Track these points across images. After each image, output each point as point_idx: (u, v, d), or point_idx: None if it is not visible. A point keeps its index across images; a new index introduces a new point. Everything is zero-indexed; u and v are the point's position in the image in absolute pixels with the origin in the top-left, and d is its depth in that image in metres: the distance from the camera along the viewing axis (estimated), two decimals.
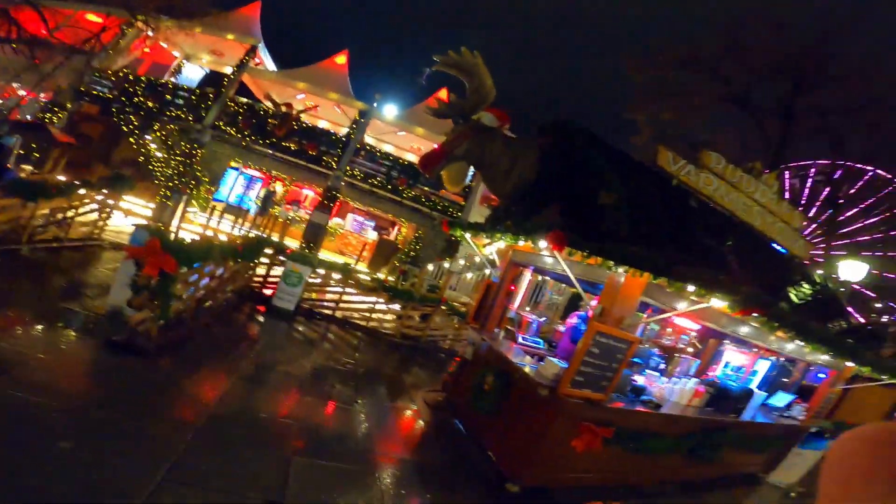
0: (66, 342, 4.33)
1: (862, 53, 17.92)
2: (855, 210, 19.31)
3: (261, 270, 8.58)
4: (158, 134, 14.98)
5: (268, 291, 8.40)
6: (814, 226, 19.50)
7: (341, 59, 19.51)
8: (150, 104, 15.08)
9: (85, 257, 7.46)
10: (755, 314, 4.03)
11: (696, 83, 19.71)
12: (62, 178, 7.58)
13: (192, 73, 19.82)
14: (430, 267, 13.57)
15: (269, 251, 8.46)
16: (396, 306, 9.24)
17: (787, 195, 19.51)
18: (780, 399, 7.55)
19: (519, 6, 68.04)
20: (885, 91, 17.31)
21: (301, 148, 15.79)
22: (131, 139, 14.62)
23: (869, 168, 18.66)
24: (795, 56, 17.87)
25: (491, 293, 6.48)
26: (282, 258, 8.37)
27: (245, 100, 16.46)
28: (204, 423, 3.76)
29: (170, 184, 14.07)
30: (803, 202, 19.93)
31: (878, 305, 18.84)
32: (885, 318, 18.01)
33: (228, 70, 16.75)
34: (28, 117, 15.00)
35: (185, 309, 5.47)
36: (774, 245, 7.18)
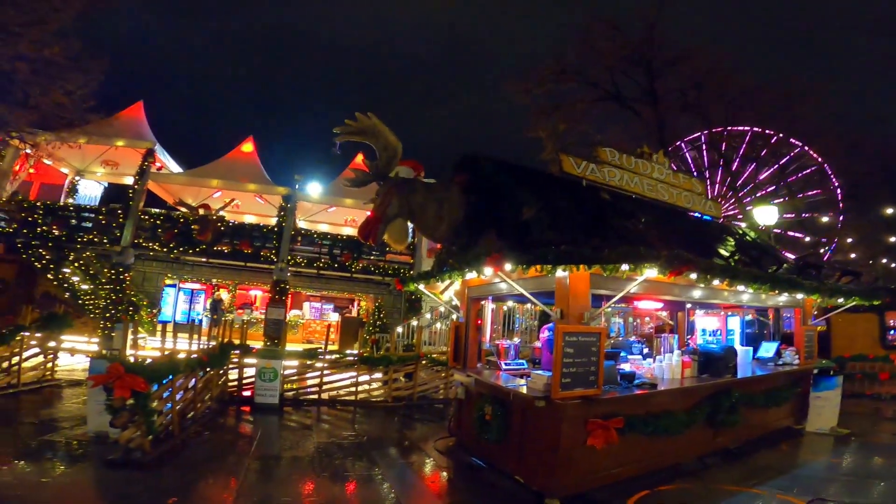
0: (62, 468, 4.51)
1: (685, 35, 21.80)
2: (738, 165, 22.07)
3: (234, 375, 8.35)
4: (76, 265, 14.12)
5: (247, 393, 8.19)
6: (717, 188, 21.83)
7: (248, 146, 19.20)
8: (56, 232, 14.14)
9: (45, 398, 7.53)
10: (686, 271, 4.45)
11: (573, 91, 22.33)
12: None
13: (90, 191, 18.60)
14: (399, 329, 13.54)
15: (235, 354, 8.26)
16: (379, 374, 9.19)
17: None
18: (767, 349, 7.87)
19: (404, 58, 72.74)
20: (716, 61, 20.51)
21: (235, 249, 15.41)
22: (49, 275, 13.66)
23: (721, 128, 21.61)
24: (636, 49, 20.78)
25: (462, 333, 6.64)
26: (250, 360, 8.22)
27: (158, 210, 15.79)
28: None
29: (107, 315, 13.19)
30: (696, 173, 22.41)
31: (808, 240, 21.03)
32: (822, 251, 20.02)
33: (129, 181, 15.86)
34: None
35: (170, 422, 5.50)
36: (693, 213, 8.06)
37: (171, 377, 5.42)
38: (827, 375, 7.45)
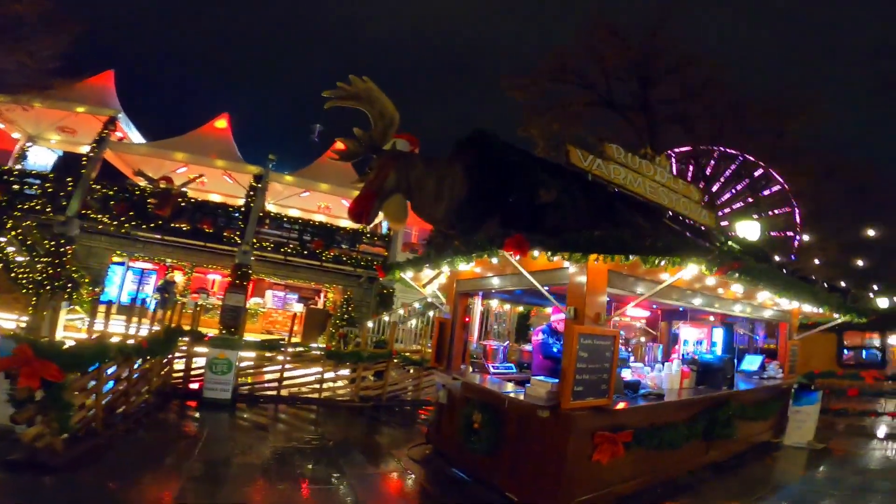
0: None
1: (684, 45, 21.28)
2: (720, 183, 22.62)
3: (181, 366, 7.40)
4: (14, 233, 12.65)
5: (194, 385, 7.22)
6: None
7: (222, 122, 18.39)
8: None
9: None
10: (735, 268, 4.02)
11: (569, 93, 21.99)
12: None
13: (42, 158, 17.08)
14: (370, 324, 12.74)
15: (183, 342, 7.31)
16: (346, 371, 8.41)
17: None
18: (751, 362, 7.68)
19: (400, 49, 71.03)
20: (711, 74, 20.59)
21: (195, 227, 14.17)
22: None
23: (714, 147, 22.03)
24: (634, 56, 20.66)
25: (447, 330, 6.06)
26: (201, 349, 7.28)
27: (113, 184, 14.47)
28: None
29: (40, 291, 11.80)
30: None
31: (777, 259, 21.76)
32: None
33: (86, 149, 14.48)
34: None
35: (93, 417, 4.66)
36: (687, 220, 7.79)
37: (98, 365, 4.50)
38: (808, 390, 7.37)
